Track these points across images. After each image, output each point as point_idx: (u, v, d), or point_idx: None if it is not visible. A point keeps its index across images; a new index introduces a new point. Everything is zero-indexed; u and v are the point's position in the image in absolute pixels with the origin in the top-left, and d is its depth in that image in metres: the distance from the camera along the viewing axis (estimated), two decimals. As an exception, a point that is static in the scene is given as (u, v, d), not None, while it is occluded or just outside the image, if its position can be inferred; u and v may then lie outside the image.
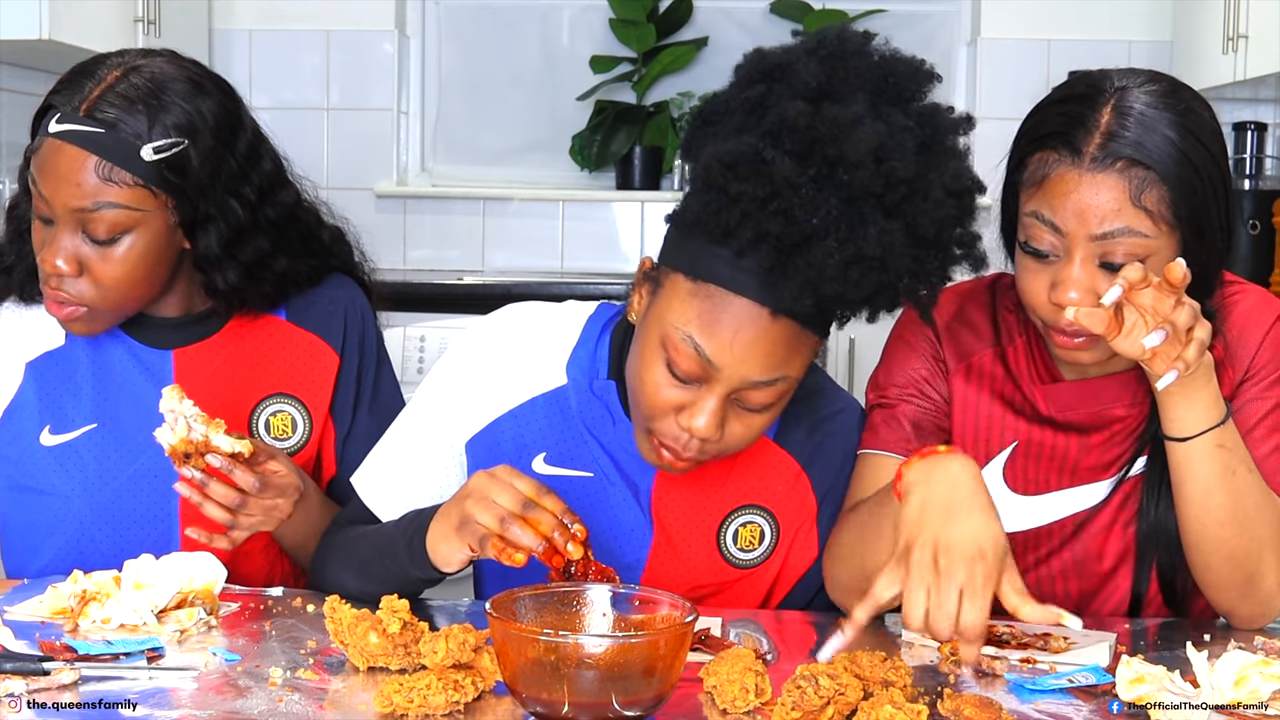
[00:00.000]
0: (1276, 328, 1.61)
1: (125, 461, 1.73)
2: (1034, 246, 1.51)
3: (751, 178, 1.35)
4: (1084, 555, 1.64)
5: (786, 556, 1.66)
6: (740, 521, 1.64)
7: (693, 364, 1.43)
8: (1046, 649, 1.44)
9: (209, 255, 1.68)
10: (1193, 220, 1.47)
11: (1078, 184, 1.47)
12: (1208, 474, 1.48)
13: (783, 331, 1.41)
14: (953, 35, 4.53)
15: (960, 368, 1.67)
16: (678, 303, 1.44)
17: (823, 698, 1.20)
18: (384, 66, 4.48)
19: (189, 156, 1.62)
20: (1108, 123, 1.47)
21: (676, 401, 1.46)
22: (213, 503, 1.58)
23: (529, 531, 1.38)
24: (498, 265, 4.47)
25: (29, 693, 1.25)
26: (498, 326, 1.68)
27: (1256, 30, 3.67)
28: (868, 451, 1.64)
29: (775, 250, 1.36)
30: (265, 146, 1.75)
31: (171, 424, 1.55)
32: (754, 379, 1.43)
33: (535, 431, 1.64)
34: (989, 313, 1.68)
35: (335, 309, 1.82)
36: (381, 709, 1.24)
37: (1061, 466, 1.63)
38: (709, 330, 1.41)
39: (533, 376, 1.64)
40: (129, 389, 1.74)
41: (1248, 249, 4.15)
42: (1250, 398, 1.58)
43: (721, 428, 1.46)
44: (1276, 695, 1.25)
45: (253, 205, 1.70)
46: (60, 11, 3.47)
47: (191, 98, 1.64)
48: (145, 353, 1.74)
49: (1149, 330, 1.41)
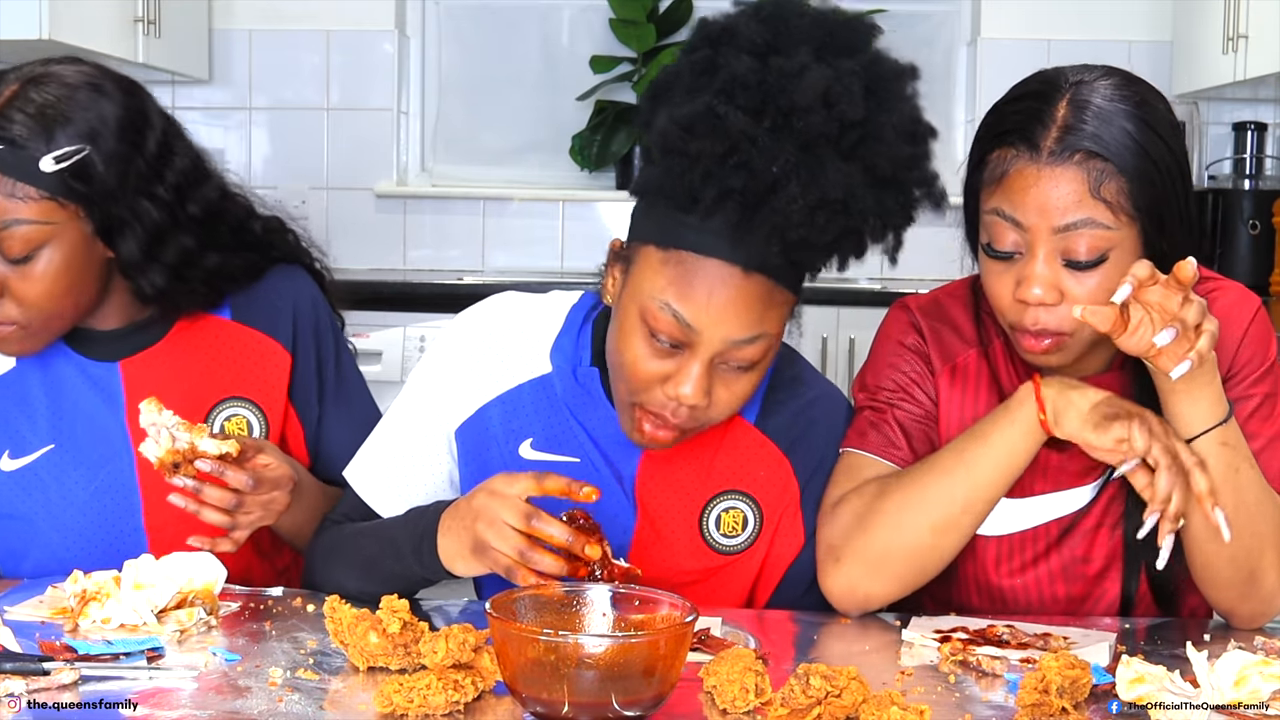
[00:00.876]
0: (1256, 323, 1.61)
1: (86, 479, 1.71)
2: (996, 248, 1.51)
3: (708, 135, 1.39)
4: (1071, 558, 1.64)
5: (771, 543, 1.66)
6: (723, 507, 1.65)
7: (674, 331, 1.46)
8: (1047, 649, 1.43)
9: (131, 260, 1.64)
10: (1152, 211, 1.48)
11: (1037, 178, 1.47)
12: (1212, 471, 1.47)
13: (757, 288, 1.45)
14: (953, 35, 4.53)
15: (945, 369, 1.67)
16: (651, 273, 1.47)
17: (811, 698, 1.19)
18: (384, 66, 4.48)
19: (92, 162, 1.58)
20: (1064, 116, 1.48)
21: (661, 372, 1.49)
22: (209, 508, 1.57)
23: (547, 556, 1.40)
24: (498, 265, 4.47)
25: (29, 693, 1.25)
26: (482, 316, 1.70)
27: (1256, 30, 3.67)
28: (854, 451, 1.64)
29: (740, 205, 1.40)
30: (180, 143, 1.71)
31: (155, 437, 1.54)
32: (734, 338, 1.46)
33: (522, 418, 1.65)
34: (971, 313, 1.68)
35: (283, 304, 1.79)
36: (381, 709, 1.24)
37: (1045, 470, 1.63)
38: (685, 295, 1.44)
39: (518, 364, 1.66)
40: (82, 405, 1.72)
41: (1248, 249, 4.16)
42: (1236, 396, 1.58)
43: (708, 394, 1.48)
44: (1276, 695, 1.25)
45: (170, 204, 1.65)
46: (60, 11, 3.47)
47: (92, 103, 1.60)
48: (92, 366, 1.72)
49: (1156, 328, 1.41)
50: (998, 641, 1.45)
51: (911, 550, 1.54)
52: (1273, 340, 1.62)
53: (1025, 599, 1.65)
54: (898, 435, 1.63)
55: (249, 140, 4.52)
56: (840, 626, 1.56)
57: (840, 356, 3.85)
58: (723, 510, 1.65)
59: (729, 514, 1.65)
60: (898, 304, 1.73)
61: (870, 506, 1.57)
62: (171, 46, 4.10)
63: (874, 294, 3.88)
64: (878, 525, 1.55)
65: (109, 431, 1.71)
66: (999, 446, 1.51)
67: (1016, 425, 1.51)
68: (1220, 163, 4.32)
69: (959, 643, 1.44)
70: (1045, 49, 4.28)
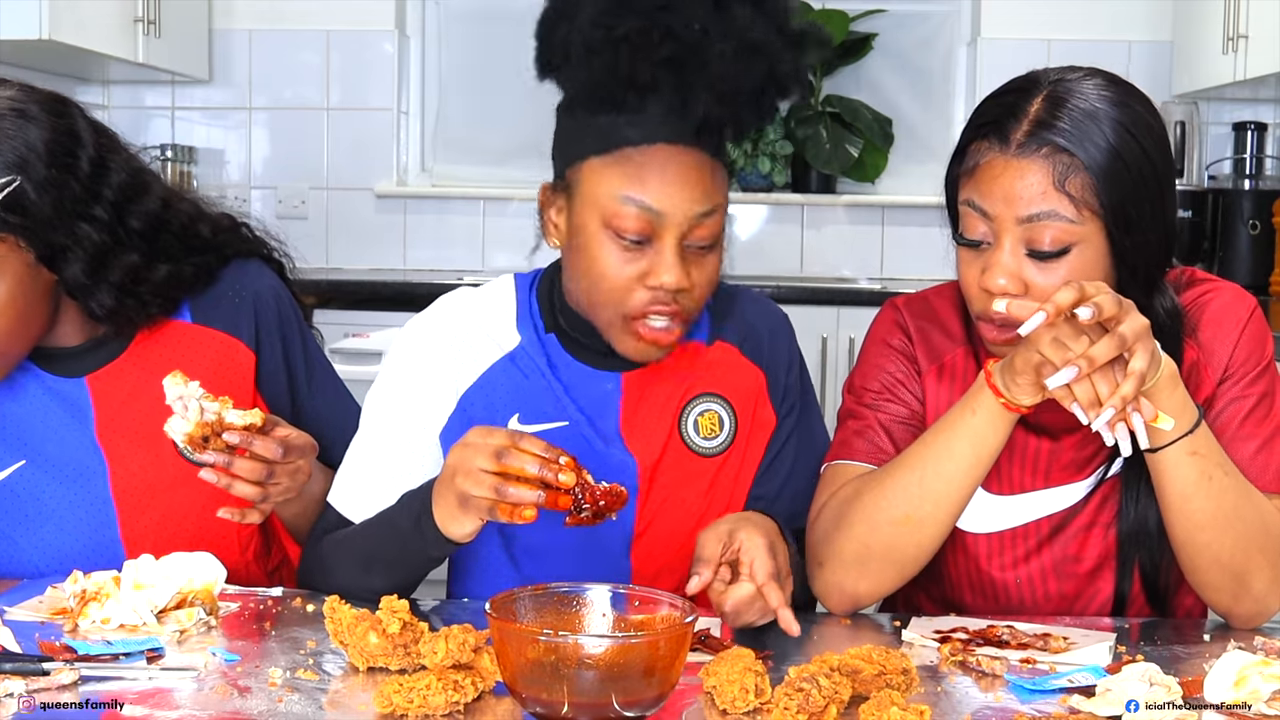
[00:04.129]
0: (1251, 324, 1.61)
1: (59, 494, 1.70)
2: (966, 237, 1.54)
3: (630, 13, 1.51)
4: (1063, 556, 1.63)
5: (746, 447, 1.72)
6: (699, 410, 1.71)
7: (639, 222, 1.55)
8: (1046, 649, 1.44)
9: (76, 284, 1.61)
10: (1118, 211, 1.48)
11: (1005, 169, 1.49)
12: (1184, 481, 1.47)
13: (701, 161, 1.56)
14: (953, 35, 4.54)
15: (932, 368, 1.67)
16: (602, 180, 1.56)
17: (825, 698, 1.20)
18: (384, 66, 4.48)
19: (24, 192, 1.54)
20: (1037, 111, 1.49)
21: (637, 271, 1.56)
22: (241, 480, 1.55)
23: (522, 487, 1.39)
24: (498, 265, 4.47)
25: (29, 693, 1.25)
26: (432, 318, 1.74)
27: (1256, 30, 3.67)
28: (839, 463, 1.64)
29: (674, 69, 1.52)
30: (115, 157, 1.66)
31: (183, 411, 1.52)
32: (696, 211, 1.55)
33: (504, 395, 1.68)
34: (959, 312, 1.69)
35: (241, 300, 1.76)
36: (381, 709, 1.24)
37: (1035, 467, 1.63)
38: (641, 183, 1.54)
39: (484, 347, 1.69)
40: (51, 421, 1.70)
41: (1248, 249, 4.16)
42: (1232, 397, 1.58)
43: (688, 275, 1.56)
44: (1276, 695, 1.25)
45: (109, 223, 1.62)
46: (60, 11, 3.47)
47: (18, 130, 1.56)
48: (58, 383, 1.70)
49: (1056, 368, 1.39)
50: (998, 642, 1.46)
51: (888, 547, 1.54)
52: (1269, 340, 1.62)
53: (1019, 594, 1.65)
54: (882, 439, 1.63)
55: (249, 140, 4.52)
56: (840, 627, 1.56)
57: (840, 356, 3.85)
58: (699, 414, 1.71)
59: (705, 416, 1.71)
60: (887, 304, 1.74)
61: (846, 506, 1.57)
62: (171, 46, 4.10)
63: (873, 294, 3.88)
64: (853, 524, 1.55)
65: (79, 446, 1.70)
66: (963, 438, 1.51)
67: (979, 414, 1.50)
68: (1220, 163, 4.32)
69: (959, 643, 1.44)
70: (1045, 49, 4.28)
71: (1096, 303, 1.35)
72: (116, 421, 1.71)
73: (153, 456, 1.70)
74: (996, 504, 1.63)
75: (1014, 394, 1.47)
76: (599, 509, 1.40)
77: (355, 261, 4.46)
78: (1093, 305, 1.35)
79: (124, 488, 1.70)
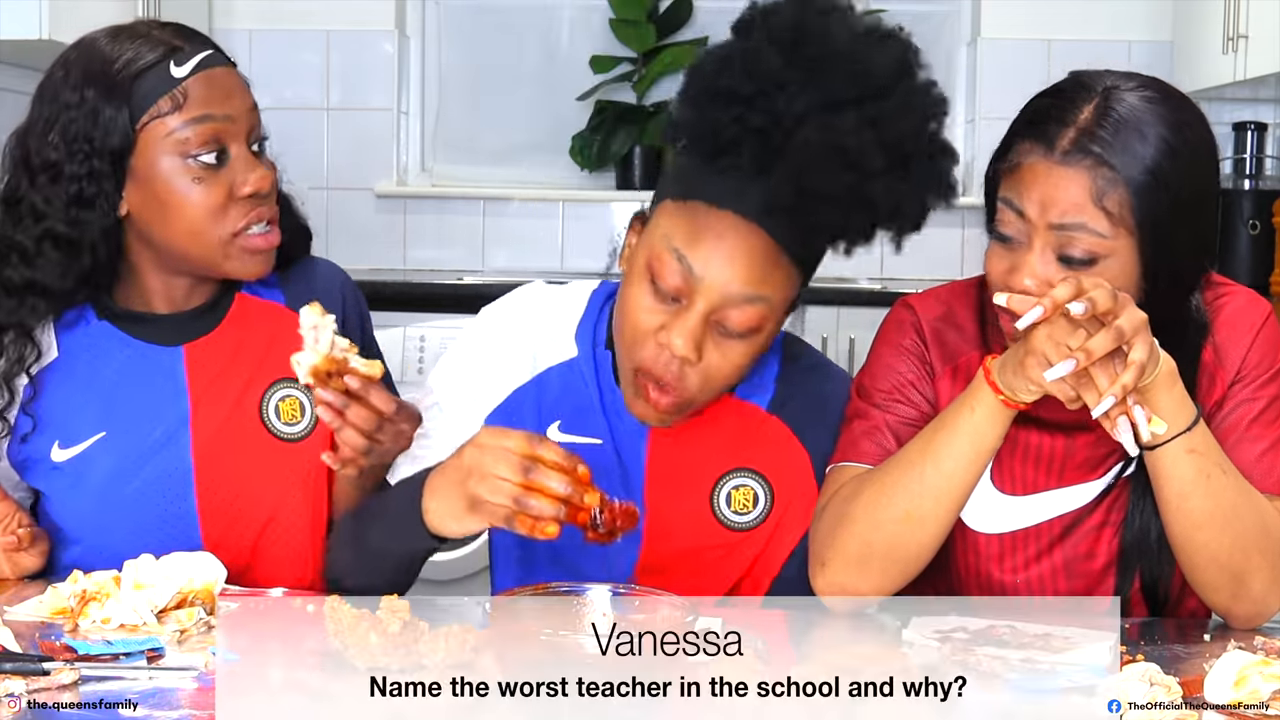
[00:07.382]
0: (1266, 328, 1.61)
1: (137, 466, 1.71)
2: (1000, 231, 1.54)
3: (740, 74, 1.47)
4: (1074, 555, 1.63)
5: (780, 523, 1.68)
6: (734, 484, 1.68)
7: (676, 276, 1.51)
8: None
9: None
10: (1154, 229, 1.47)
11: (1046, 174, 1.49)
12: (1181, 479, 1.47)
13: (762, 245, 1.51)
14: (953, 35, 4.53)
15: (947, 370, 1.67)
16: (665, 222, 1.54)
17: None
18: (384, 66, 4.48)
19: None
20: (1086, 120, 1.49)
21: (658, 322, 1.54)
22: (350, 426, 1.53)
23: (545, 501, 1.39)
24: (498, 265, 4.47)
25: (29, 693, 1.25)
26: (510, 306, 1.75)
27: (1256, 30, 3.67)
28: (843, 465, 1.64)
29: (758, 143, 1.46)
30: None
31: (313, 344, 1.50)
32: (733, 293, 1.51)
33: (552, 401, 1.69)
34: (976, 312, 1.68)
35: (331, 291, 1.82)
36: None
37: (1049, 467, 1.63)
38: (692, 241, 1.51)
39: (547, 349, 1.70)
40: (137, 391, 1.73)
41: (1248, 249, 4.15)
42: (1242, 399, 1.58)
43: (699, 349, 1.53)
44: (1276, 695, 1.25)
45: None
46: (60, 11, 3.46)
47: None
48: (153, 351, 1.74)
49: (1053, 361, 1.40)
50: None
51: (889, 545, 1.54)
52: None
53: (1028, 594, 1.64)
54: (890, 441, 1.63)
55: (249, 140, 4.52)
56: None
57: (840, 356, 3.84)
58: (733, 488, 1.68)
59: (739, 491, 1.68)
60: (900, 303, 1.73)
61: (847, 505, 1.57)
62: (171, 46, 4.09)
63: (874, 294, 3.88)
64: (854, 523, 1.55)
65: (165, 416, 1.72)
66: (962, 434, 1.51)
67: (978, 411, 1.50)
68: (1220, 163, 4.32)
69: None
70: (1045, 49, 4.28)
71: (1091, 297, 1.36)
72: (207, 390, 1.73)
73: (236, 428, 1.73)
74: (1010, 504, 1.63)
75: (1013, 390, 1.47)
76: (613, 528, 1.41)
77: (355, 261, 4.43)
78: (1087, 300, 1.36)
79: (205, 459, 1.72)
